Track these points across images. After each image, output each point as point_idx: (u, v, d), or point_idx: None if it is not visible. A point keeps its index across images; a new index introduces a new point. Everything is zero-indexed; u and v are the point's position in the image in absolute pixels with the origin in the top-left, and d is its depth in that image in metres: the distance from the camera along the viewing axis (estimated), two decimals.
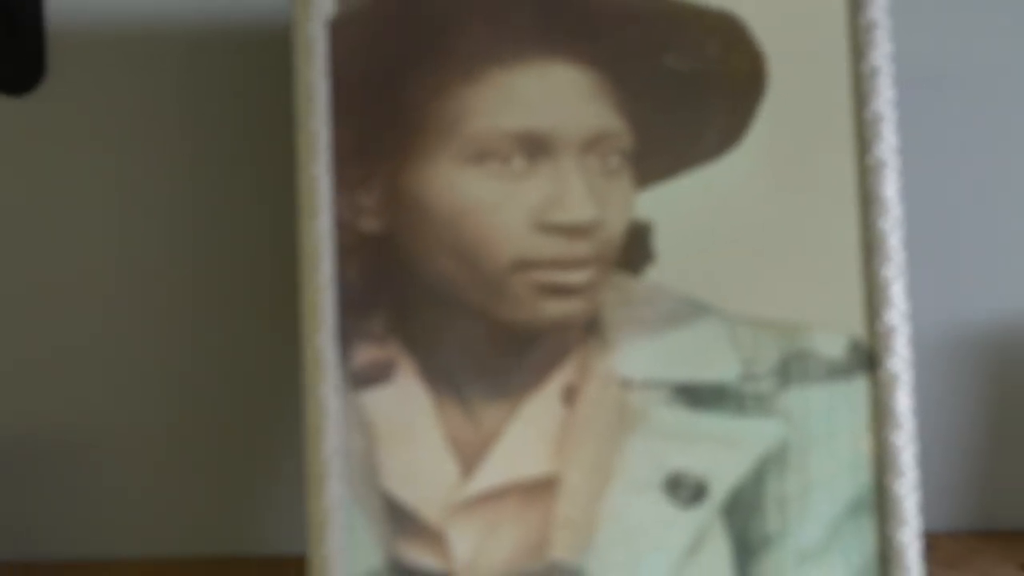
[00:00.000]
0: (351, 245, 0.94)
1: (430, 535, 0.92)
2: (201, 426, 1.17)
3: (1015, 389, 1.19)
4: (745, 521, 0.93)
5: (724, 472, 0.93)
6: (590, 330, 0.94)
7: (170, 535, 1.17)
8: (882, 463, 0.93)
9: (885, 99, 0.96)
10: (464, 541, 0.92)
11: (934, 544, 1.12)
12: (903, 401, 0.93)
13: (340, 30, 0.95)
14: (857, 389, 0.94)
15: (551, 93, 0.94)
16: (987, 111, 1.17)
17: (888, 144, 0.95)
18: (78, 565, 1.15)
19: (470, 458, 0.93)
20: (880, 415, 0.94)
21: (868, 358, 0.94)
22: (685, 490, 0.93)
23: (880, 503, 0.93)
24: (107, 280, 1.15)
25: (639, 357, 0.94)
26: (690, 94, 0.95)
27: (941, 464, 1.18)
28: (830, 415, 0.94)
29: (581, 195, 0.93)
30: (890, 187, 0.95)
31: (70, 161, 1.14)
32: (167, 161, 1.14)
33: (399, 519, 0.92)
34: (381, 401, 0.93)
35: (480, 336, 0.94)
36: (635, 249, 0.94)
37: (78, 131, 1.14)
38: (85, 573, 1.13)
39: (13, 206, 1.14)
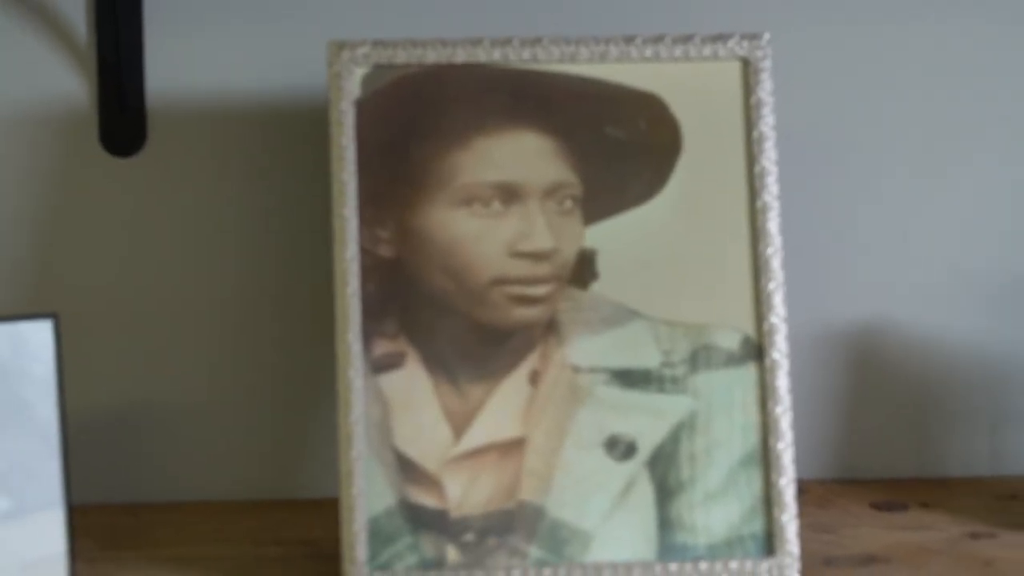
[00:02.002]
0: (371, 267, 1.02)
1: (430, 481, 1.01)
2: (261, 400, 1.23)
3: (866, 373, 1.27)
4: (664, 471, 1.02)
5: (649, 435, 1.02)
6: (549, 329, 1.03)
7: (239, 482, 1.24)
8: (766, 428, 1.02)
9: (770, 158, 1.05)
10: (455, 486, 1.01)
11: (806, 488, 1.19)
12: (782, 382, 1.03)
13: (364, 108, 1.04)
14: (748, 373, 1.03)
15: (521, 154, 1.04)
16: (847, 165, 1.25)
17: (772, 192, 1.05)
18: (170, 506, 1.21)
19: (460, 424, 1.02)
20: (765, 393, 1.03)
21: (757, 350, 1.03)
22: (620, 448, 1.02)
23: (765, 458, 1.02)
24: (195, 296, 1.22)
25: (586, 349, 1.03)
26: (625, 155, 1.05)
27: (811, 428, 1.25)
28: (728, 392, 1.03)
29: (543, 230, 1.03)
30: (773, 224, 1.05)
31: (164, 207, 1.22)
32: (239, 204, 1.22)
33: (407, 469, 1.00)
34: (393, 382, 1.01)
35: (467, 334, 1.02)
36: (583, 269, 1.04)
37: (172, 184, 1.22)
38: (176, 512, 1.19)
39: (119, 241, 1.22)
